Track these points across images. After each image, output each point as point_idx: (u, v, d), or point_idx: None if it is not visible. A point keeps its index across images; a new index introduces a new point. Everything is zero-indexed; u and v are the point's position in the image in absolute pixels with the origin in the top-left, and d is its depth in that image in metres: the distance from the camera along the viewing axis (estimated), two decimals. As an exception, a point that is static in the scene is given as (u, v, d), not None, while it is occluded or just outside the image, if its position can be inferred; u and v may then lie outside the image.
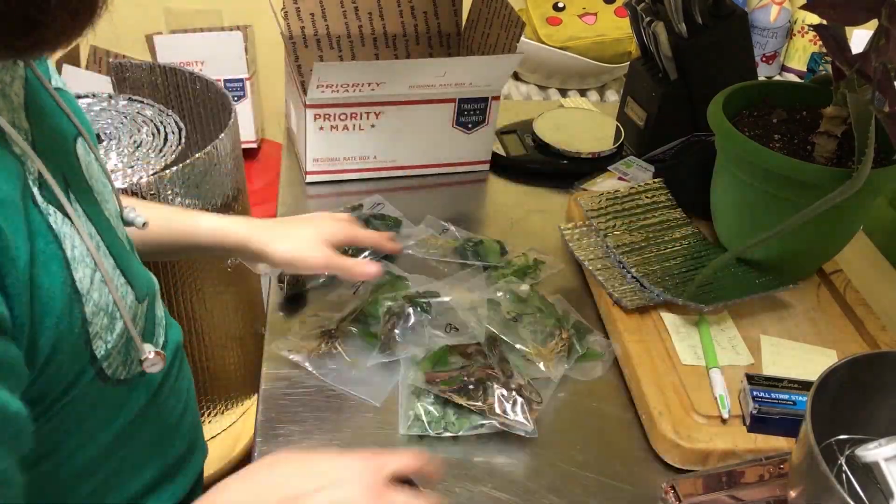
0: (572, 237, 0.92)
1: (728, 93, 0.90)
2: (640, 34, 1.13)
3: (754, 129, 0.88)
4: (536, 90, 1.78)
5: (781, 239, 0.84)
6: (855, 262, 0.97)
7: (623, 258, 0.88)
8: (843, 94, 0.78)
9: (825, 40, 0.78)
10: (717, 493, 0.67)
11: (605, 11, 1.76)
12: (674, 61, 1.09)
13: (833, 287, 0.91)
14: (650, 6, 1.09)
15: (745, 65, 1.11)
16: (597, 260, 0.89)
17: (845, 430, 0.63)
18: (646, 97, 1.16)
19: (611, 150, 1.15)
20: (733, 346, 0.82)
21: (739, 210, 0.89)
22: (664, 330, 0.83)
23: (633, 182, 1.06)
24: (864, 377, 0.65)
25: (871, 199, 0.85)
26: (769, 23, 1.79)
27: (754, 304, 0.87)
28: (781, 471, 0.69)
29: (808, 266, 0.92)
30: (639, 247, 0.90)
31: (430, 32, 1.18)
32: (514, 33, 1.05)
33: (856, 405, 0.66)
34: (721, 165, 0.90)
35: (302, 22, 1.09)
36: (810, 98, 0.91)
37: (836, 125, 0.82)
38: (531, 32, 1.74)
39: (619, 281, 0.87)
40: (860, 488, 0.61)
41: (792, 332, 0.85)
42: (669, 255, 0.90)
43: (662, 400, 0.74)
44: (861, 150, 0.72)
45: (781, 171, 0.80)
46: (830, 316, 0.88)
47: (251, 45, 1.80)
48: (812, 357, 0.81)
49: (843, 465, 0.62)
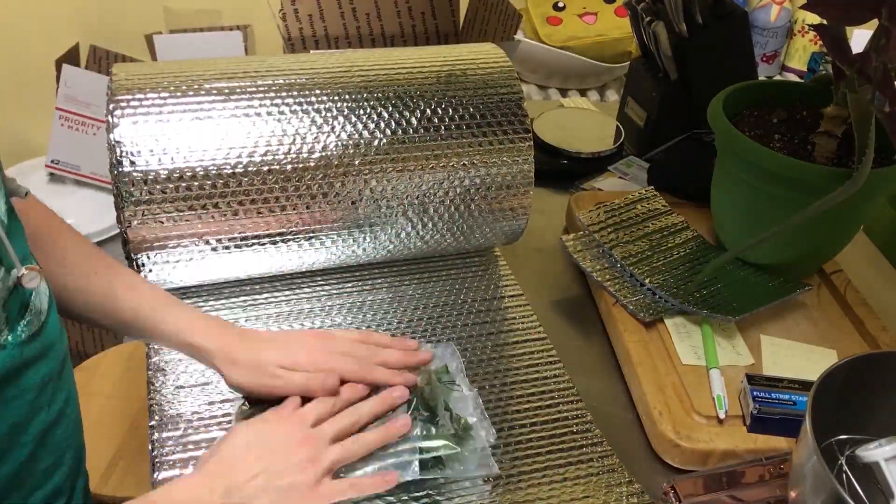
0: (575, 248, 0.92)
1: (728, 93, 0.90)
2: (641, 34, 1.13)
3: (754, 129, 0.88)
4: (536, 90, 1.78)
5: (781, 239, 0.84)
6: (855, 262, 0.97)
7: (633, 270, 0.87)
8: (844, 94, 0.78)
9: (825, 40, 0.78)
10: (718, 493, 0.67)
11: (606, 11, 1.76)
12: (674, 61, 1.09)
13: (833, 287, 0.91)
14: (650, 6, 1.09)
15: (745, 65, 1.11)
16: (604, 271, 0.89)
17: (845, 430, 0.63)
18: (646, 97, 1.16)
19: (611, 150, 1.15)
20: (733, 346, 0.82)
21: (739, 210, 0.89)
22: (664, 330, 0.83)
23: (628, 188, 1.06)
24: (864, 377, 0.65)
25: (871, 199, 0.85)
26: (769, 23, 1.79)
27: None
28: (781, 471, 0.69)
29: (808, 266, 0.92)
30: (645, 256, 0.90)
31: (427, 33, 1.18)
32: (510, 25, 1.05)
33: (856, 405, 0.66)
34: (721, 165, 0.90)
35: (300, 23, 1.10)
36: (810, 98, 0.91)
37: (837, 125, 0.82)
38: (531, 32, 1.75)
39: (630, 292, 0.86)
40: (860, 488, 0.61)
41: (792, 332, 0.85)
42: (676, 262, 0.90)
43: (662, 400, 0.74)
44: (861, 150, 0.72)
45: (781, 171, 0.80)
46: (830, 316, 0.88)
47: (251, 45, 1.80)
48: (812, 357, 0.81)
49: (843, 465, 0.62)
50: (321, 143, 0.76)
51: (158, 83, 0.75)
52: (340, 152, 0.77)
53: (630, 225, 0.95)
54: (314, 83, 0.79)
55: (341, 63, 0.82)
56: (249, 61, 0.81)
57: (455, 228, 0.85)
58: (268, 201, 0.75)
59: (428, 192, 0.81)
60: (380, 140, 0.78)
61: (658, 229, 0.95)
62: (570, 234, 0.96)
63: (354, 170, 0.77)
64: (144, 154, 0.72)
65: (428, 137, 0.80)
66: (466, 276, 0.91)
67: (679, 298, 0.84)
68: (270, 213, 0.76)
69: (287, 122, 0.76)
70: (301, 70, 0.80)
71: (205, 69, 0.78)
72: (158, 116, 0.73)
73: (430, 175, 0.80)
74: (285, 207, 0.76)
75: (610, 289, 0.87)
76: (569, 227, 1.03)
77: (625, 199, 0.98)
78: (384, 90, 0.80)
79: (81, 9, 1.69)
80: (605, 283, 0.87)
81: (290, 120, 0.76)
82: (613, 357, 0.84)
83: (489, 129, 0.82)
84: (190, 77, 0.76)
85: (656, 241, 0.93)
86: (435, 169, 0.80)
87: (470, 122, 0.82)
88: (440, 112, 0.81)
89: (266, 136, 0.75)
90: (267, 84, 0.77)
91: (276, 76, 0.78)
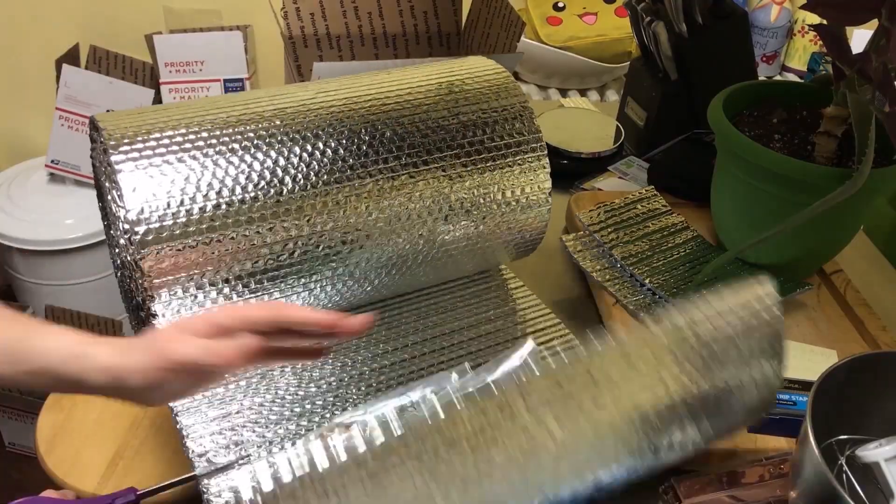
0: (575, 248, 0.92)
1: (728, 93, 0.90)
2: (641, 34, 1.13)
3: (754, 129, 0.88)
4: (536, 90, 1.78)
5: (781, 239, 0.84)
6: (855, 262, 0.97)
7: (633, 270, 0.87)
8: (843, 94, 0.78)
9: (825, 40, 0.78)
10: (718, 493, 0.67)
11: (606, 11, 1.76)
12: (674, 61, 1.09)
13: (833, 287, 0.91)
14: (650, 6, 1.09)
15: (745, 65, 1.11)
16: (604, 271, 0.89)
17: (845, 430, 0.63)
18: (646, 97, 1.16)
19: (611, 150, 1.15)
20: (733, 346, 0.82)
21: (739, 210, 0.89)
22: (664, 330, 0.83)
23: (628, 189, 1.06)
24: (864, 377, 0.65)
25: (871, 199, 0.85)
26: (769, 23, 1.79)
27: (754, 304, 0.87)
28: (781, 471, 0.69)
29: (808, 266, 0.92)
30: (645, 256, 0.90)
31: (429, 32, 1.18)
32: (514, 33, 1.05)
33: (856, 405, 0.66)
34: (721, 165, 0.90)
35: (302, 22, 1.10)
36: (810, 98, 0.91)
37: (836, 125, 0.82)
38: (531, 32, 1.74)
39: (630, 292, 0.86)
40: (860, 488, 0.61)
41: (792, 332, 0.85)
42: (676, 262, 0.90)
43: (662, 400, 0.74)
44: (861, 150, 0.72)
45: (781, 171, 0.80)
46: (830, 316, 0.88)
47: (251, 45, 1.80)
48: (812, 357, 0.81)
49: (844, 465, 0.62)
50: (324, 177, 0.70)
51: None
52: (345, 181, 0.70)
53: (630, 225, 0.95)
54: (313, 114, 0.73)
55: (327, 92, 0.76)
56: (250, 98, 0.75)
57: (469, 255, 0.80)
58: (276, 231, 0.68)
59: (439, 216, 0.75)
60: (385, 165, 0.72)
61: (658, 229, 0.95)
62: (570, 234, 0.96)
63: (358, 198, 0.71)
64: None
65: (441, 159, 0.74)
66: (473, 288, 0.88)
67: (679, 298, 0.84)
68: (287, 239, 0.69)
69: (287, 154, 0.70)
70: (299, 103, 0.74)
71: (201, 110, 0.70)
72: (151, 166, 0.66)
73: (443, 199, 0.75)
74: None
75: (610, 289, 0.87)
76: (569, 227, 1.03)
77: (625, 199, 0.98)
78: (388, 118, 0.74)
79: (81, 9, 1.70)
80: (605, 283, 0.87)
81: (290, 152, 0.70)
82: (613, 357, 0.84)
83: (505, 149, 0.77)
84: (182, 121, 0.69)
85: (656, 241, 0.93)
86: (449, 193, 0.75)
87: (482, 139, 0.76)
88: (445, 135, 0.75)
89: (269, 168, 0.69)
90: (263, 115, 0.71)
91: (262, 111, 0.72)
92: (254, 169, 0.68)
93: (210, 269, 0.66)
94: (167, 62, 1.60)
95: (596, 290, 0.91)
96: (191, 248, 0.64)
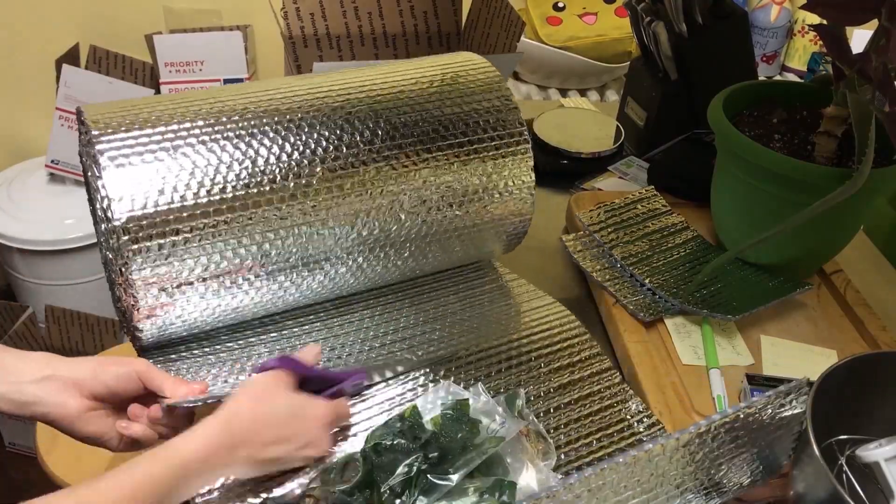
0: (575, 248, 0.92)
1: (728, 93, 0.90)
2: (641, 34, 1.13)
3: (754, 129, 0.88)
4: (536, 90, 1.78)
5: (781, 239, 0.84)
6: (855, 262, 0.97)
7: (633, 270, 0.87)
8: (843, 94, 0.78)
9: (825, 40, 0.78)
10: (717, 493, 0.67)
11: (606, 11, 1.76)
12: (674, 61, 1.09)
13: (833, 287, 0.91)
14: (650, 6, 1.09)
15: (745, 65, 1.11)
16: (604, 271, 0.89)
17: (845, 430, 0.63)
18: (646, 97, 1.16)
19: (611, 150, 1.15)
20: (733, 347, 0.82)
21: (739, 210, 0.89)
22: (664, 330, 0.83)
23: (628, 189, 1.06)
24: (864, 377, 0.65)
25: (871, 199, 0.85)
26: (769, 23, 1.79)
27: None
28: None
29: (808, 266, 0.92)
30: (645, 256, 0.90)
31: (429, 32, 1.18)
32: (514, 33, 1.05)
33: (856, 405, 0.66)
34: (721, 165, 0.90)
35: (302, 22, 1.10)
36: (810, 98, 0.91)
37: (836, 125, 0.82)
38: (531, 32, 1.74)
39: (630, 292, 0.86)
40: (860, 488, 0.61)
41: (792, 332, 0.85)
42: (676, 262, 0.90)
43: (662, 400, 0.74)
44: (861, 150, 0.72)
45: (781, 171, 0.80)
46: (830, 316, 0.88)
47: (251, 45, 1.80)
48: (812, 357, 0.81)
49: (844, 465, 0.62)
50: (317, 166, 0.71)
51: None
52: (333, 171, 0.72)
53: (630, 225, 0.95)
54: (300, 107, 0.74)
55: (322, 85, 0.78)
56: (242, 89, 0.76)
57: (458, 241, 0.82)
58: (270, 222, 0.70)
59: (429, 205, 0.77)
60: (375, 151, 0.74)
61: (658, 229, 0.95)
62: (570, 234, 0.96)
63: (347, 189, 0.73)
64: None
65: (424, 151, 0.76)
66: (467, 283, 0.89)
67: (679, 298, 0.84)
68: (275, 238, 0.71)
69: (281, 145, 0.71)
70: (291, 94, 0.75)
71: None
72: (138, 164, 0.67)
73: (428, 190, 0.77)
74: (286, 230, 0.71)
75: (610, 289, 0.87)
76: (569, 227, 1.03)
77: (625, 199, 0.98)
78: (375, 109, 0.76)
79: (81, 9, 1.70)
80: (605, 283, 0.87)
81: (283, 143, 0.71)
82: (613, 357, 0.84)
83: (488, 141, 0.79)
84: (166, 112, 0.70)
85: (656, 241, 0.93)
86: (434, 182, 0.77)
87: (466, 132, 0.79)
88: (436, 126, 0.77)
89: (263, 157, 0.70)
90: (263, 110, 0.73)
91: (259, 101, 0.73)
92: (235, 159, 0.69)
93: (190, 262, 0.67)
94: (167, 62, 1.61)
95: (596, 290, 0.91)
96: (173, 238, 0.66)
